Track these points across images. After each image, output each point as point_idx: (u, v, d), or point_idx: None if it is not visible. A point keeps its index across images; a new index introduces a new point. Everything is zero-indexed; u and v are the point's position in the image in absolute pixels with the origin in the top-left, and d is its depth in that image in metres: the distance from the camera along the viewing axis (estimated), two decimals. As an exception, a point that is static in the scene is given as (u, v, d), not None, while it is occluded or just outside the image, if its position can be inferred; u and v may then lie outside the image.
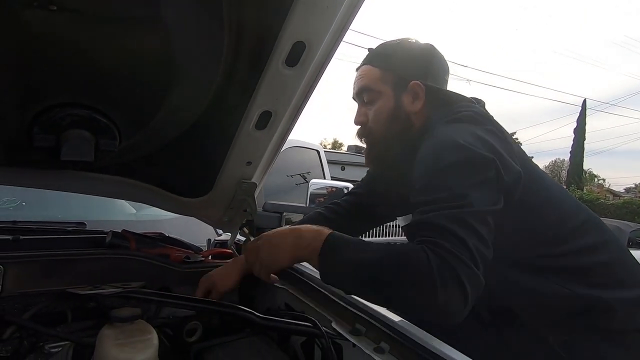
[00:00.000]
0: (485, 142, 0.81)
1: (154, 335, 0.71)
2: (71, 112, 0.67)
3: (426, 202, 0.74)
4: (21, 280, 0.81)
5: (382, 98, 0.98)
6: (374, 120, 0.99)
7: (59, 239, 0.99)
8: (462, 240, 0.67)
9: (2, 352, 0.78)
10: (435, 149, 0.82)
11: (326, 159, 3.43)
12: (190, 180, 1.10)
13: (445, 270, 0.64)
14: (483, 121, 0.88)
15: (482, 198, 0.73)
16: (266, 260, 0.83)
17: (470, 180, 0.74)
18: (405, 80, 0.96)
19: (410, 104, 0.97)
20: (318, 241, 0.75)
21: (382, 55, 1.00)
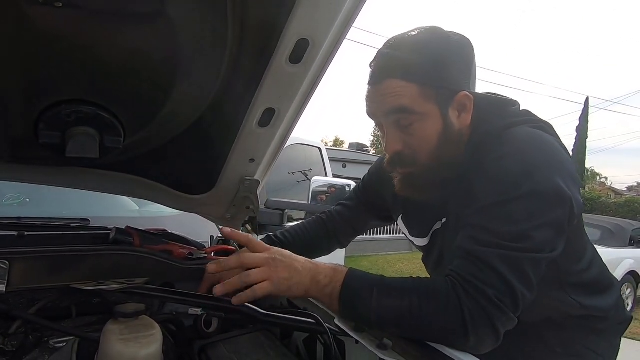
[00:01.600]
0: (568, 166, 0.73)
1: (158, 330, 0.71)
2: (76, 108, 0.67)
3: (486, 230, 0.68)
4: (26, 276, 0.82)
5: (427, 119, 0.77)
6: (419, 147, 0.79)
7: (63, 235, 1.00)
8: (511, 287, 0.64)
9: (8, 346, 0.79)
10: (518, 166, 0.71)
11: (328, 156, 3.43)
12: (194, 177, 1.11)
13: (480, 320, 0.63)
14: (553, 132, 0.81)
15: (545, 242, 0.68)
16: (283, 283, 0.70)
17: (540, 218, 0.67)
18: (451, 92, 0.77)
19: (458, 119, 0.79)
20: (337, 282, 0.70)
21: (414, 64, 0.75)
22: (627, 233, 6.17)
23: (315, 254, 1.17)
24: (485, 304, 0.63)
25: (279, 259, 0.71)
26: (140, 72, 0.68)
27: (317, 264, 0.75)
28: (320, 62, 0.81)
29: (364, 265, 7.56)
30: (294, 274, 0.70)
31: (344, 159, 11.26)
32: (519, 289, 0.65)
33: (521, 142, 0.74)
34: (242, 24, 0.70)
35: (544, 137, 0.77)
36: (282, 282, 0.69)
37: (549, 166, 0.71)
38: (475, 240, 0.69)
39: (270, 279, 0.69)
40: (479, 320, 0.63)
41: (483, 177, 0.74)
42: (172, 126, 0.87)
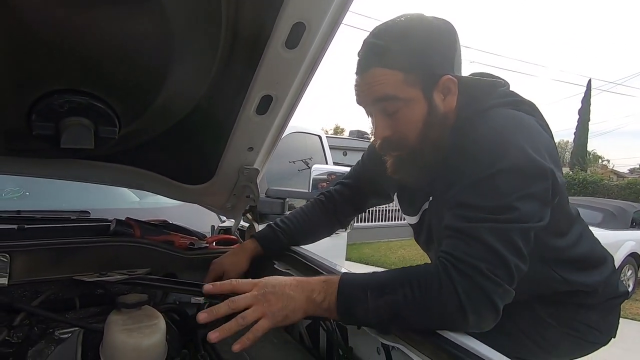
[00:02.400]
0: (546, 144, 0.75)
1: (161, 320, 0.72)
2: (69, 98, 0.66)
3: (471, 207, 0.69)
4: (28, 269, 0.82)
5: (412, 105, 0.79)
6: (405, 132, 0.82)
7: (63, 228, 1.00)
8: (503, 258, 0.65)
9: (14, 338, 0.80)
10: (495, 144, 0.73)
11: (328, 144, 3.41)
12: (192, 167, 1.10)
13: (476, 296, 0.63)
14: (535, 113, 0.82)
15: (531, 212, 0.69)
16: (279, 313, 0.68)
17: (524, 190, 0.69)
18: (435, 76, 0.79)
19: (442, 102, 0.81)
20: (331, 294, 0.69)
21: (398, 52, 0.77)
22: (629, 215, 6.17)
23: (317, 236, 1.18)
24: (479, 279, 0.63)
25: (268, 291, 0.69)
26: (133, 59, 0.66)
27: (308, 281, 0.72)
28: (317, 46, 0.79)
29: (366, 252, 7.61)
30: (287, 302, 0.68)
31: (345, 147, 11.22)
32: (511, 259, 0.65)
33: (499, 122, 0.76)
34: (237, 9, 0.68)
35: (521, 117, 0.78)
36: (278, 314, 0.68)
37: (526, 142, 0.72)
38: (462, 217, 0.70)
39: (265, 315, 0.67)
40: (476, 298, 0.63)
41: (463, 157, 0.76)
42: (168, 115, 0.86)
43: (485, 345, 0.60)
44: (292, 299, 0.68)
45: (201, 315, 0.67)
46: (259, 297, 0.68)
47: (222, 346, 0.82)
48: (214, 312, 0.68)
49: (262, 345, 0.82)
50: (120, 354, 0.65)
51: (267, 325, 0.67)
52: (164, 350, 0.70)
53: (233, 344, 0.67)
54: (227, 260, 1.03)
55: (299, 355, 0.79)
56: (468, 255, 0.65)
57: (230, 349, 0.80)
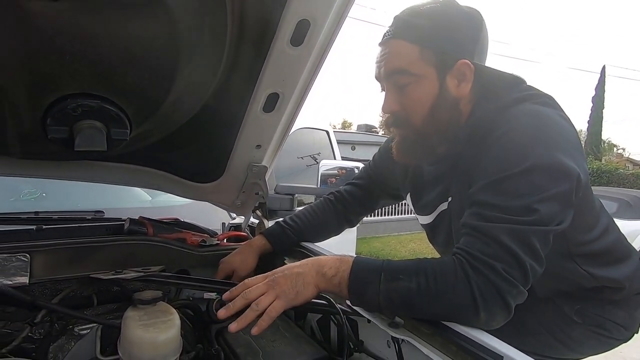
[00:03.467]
0: (571, 139, 0.73)
1: (175, 315, 0.73)
2: (82, 102, 0.68)
3: (491, 206, 0.68)
4: (47, 268, 0.85)
5: (423, 82, 0.79)
6: (412, 109, 0.81)
7: (79, 227, 1.03)
8: (519, 260, 0.64)
9: (36, 334, 0.83)
10: (519, 144, 0.71)
11: (336, 139, 3.41)
12: (202, 166, 1.11)
13: (490, 295, 0.63)
14: (555, 106, 0.79)
15: (551, 215, 0.68)
16: (290, 292, 0.70)
17: (545, 192, 0.67)
18: (452, 59, 0.78)
19: (456, 87, 0.80)
20: (344, 271, 0.70)
21: (419, 27, 0.78)
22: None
23: (325, 235, 1.18)
24: (494, 278, 0.63)
25: (278, 276, 0.72)
26: (142, 62, 0.67)
27: (320, 259, 0.75)
28: (322, 42, 0.79)
29: (376, 246, 7.60)
30: (296, 279, 0.71)
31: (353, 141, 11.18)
32: (527, 261, 0.65)
33: (522, 120, 0.74)
34: (242, 8, 0.68)
35: (545, 113, 0.76)
36: (289, 292, 0.70)
37: (551, 141, 0.71)
38: (480, 216, 0.69)
39: (277, 296, 0.69)
40: (489, 295, 0.63)
41: (486, 155, 0.74)
42: (177, 115, 0.88)
43: (495, 338, 0.60)
44: (300, 274, 0.71)
45: (221, 312, 0.69)
46: (270, 283, 0.71)
47: (235, 340, 0.84)
48: (231, 307, 0.70)
49: (274, 338, 0.84)
50: (137, 348, 0.67)
51: (280, 305, 0.69)
52: (179, 345, 0.72)
53: (251, 328, 0.68)
54: (236, 259, 1.05)
55: (310, 348, 0.80)
56: (484, 254, 0.65)
57: (242, 344, 0.82)
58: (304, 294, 0.70)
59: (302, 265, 0.73)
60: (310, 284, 0.71)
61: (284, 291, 0.70)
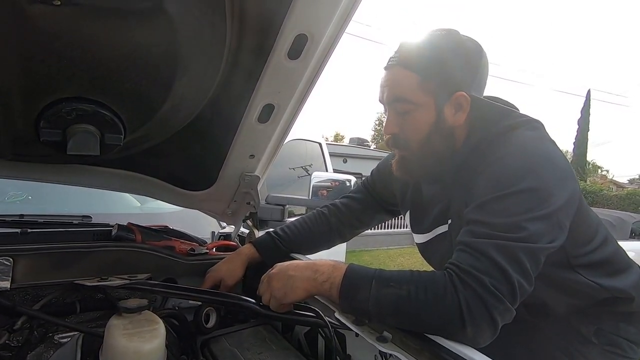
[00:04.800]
0: (562, 161, 0.78)
1: (161, 325, 0.72)
2: (77, 106, 0.68)
3: (481, 223, 0.71)
4: (30, 272, 0.83)
5: (421, 110, 0.84)
6: (411, 134, 0.87)
7: (66, 232, 1.01)
8: (507, 275, 0.66)
9: (13, 342, 0.80)
10: (515, 168, 0.75)
11: (328, 151, 3.43)
12: (194, 174, 1.11)
13: (477, 309, 0.64)
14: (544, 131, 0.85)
15: (540, 233, 0.70)
16: (278, 292, 0.77)
17: (535, 211, 0.70)
18: (450, 90, 0.83)
19: (452, 116, 0.85)
20: (336, 277, 0.74)
21: (422, 58, 0.83)
22: (628, 226, 6.17)
23: (316, 248, 1.17)
24: (481, 292, 0.64)
25: (272, 275, 0.80)
26: (139, 69, 0.68)
27: (315, 263, 0.78)
28: (318, 57, 0.81)
29: (365, 259, 7.58)
30: (286, 281, 0.77)
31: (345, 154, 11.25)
32: (515, 277, 0.66)
33: (515, 146, 0.79)
34: (241, 20, 0.70)
35: (536, 139, 0.82)
36: (279, 291, 0.77)
37: (541, 166, 0.75)
38: (472, 233, 0.71)
39: (271, 296, 0.79)
40: (476, 309, 0.63)
41: (481, 178, 0.78)
42: (172, 123, 0.88)
43: (481, 354, 0.60)
44: (291, 277, 0.77)
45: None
46: (265, 284, 0.81)
47: (221, 352, 0.82)
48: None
49: (260, 351, 0.83)
50: (120, 358, 0.66)
51: (273, 304, 0.78)
52: (163, 355, 0.70)
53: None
54: (223, 267, 1.04)
55: (298, 362, 0.79)
56: (474, 268, 0.66)
57: (228, 356, 0.80)
58: (291, 296, 0.77)
59: (297, 268, 0.79)
60: (300, 287, 0.76)
61: (274, 289, 0.78)
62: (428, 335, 0.66)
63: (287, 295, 0.77)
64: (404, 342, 0.66)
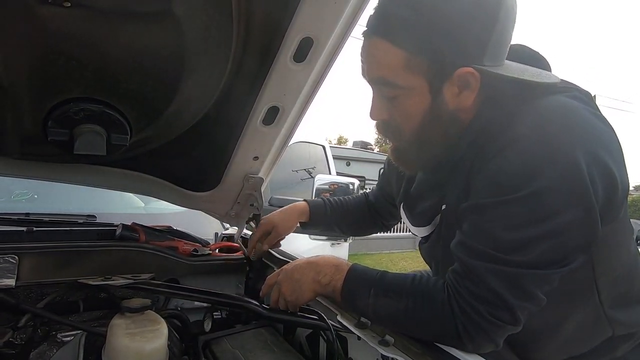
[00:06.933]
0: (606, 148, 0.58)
1: (163, 325, 0.72)
2: (85, 106, 0.68)
3: (481, 236, 0.60)
4: (35, 271, 0.84)
5: (411, 94, 0.65)
6: (402, 121, 0.70)
7: (71, 231, 1.01)
8: (507, 303, 0.57)
9: (17, 339, 0.80)
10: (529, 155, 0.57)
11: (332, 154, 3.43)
12: (199, 175, 1.11)
13: (475, 333, 0.60)
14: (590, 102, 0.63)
15: (553, 255, 0.56)
16: (290, 297, 0.79)
17: (547, 224, 0.55)
18: (449, 66, 0.61)
19: (455, 98, 0.65)
20: (338, 280, 0.73)
21: (406, 25, 0.59)
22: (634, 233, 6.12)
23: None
24: (477, 319, 0.59)
25: (281, 279, 0.81)
26: (146, 70, 0.69)
27: (317, 263, 0.78)
28: (324, 60, 0.81)
29: (367, 263, 7.49)
30: (295, 285, 0.78)
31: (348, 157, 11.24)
32: (517, 304, 0.58)
33: (535, 122, 0.59)
34: (247, 23, 0.70)
35: (571, 107, 0.59)
36: (290, 295, 0.79)
37: (572, 148, 0.55)
38: (469, 250, 0.61)
39: (283, 299, 0.81)
40: (473, 332, 0.60)
41: (487, 167, 0.62)
42: (178, 124, 0.88)
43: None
44: (298, 282, 0.78)
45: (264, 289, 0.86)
46: (276, 286, 0.82)
47: (223, 353, 0.82)
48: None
49: (262, 353, 0.83)
50: (123, 357, 0.66)
51: (283, 304, 0.81)
52: (165, 355, 0.70)
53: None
54: (277, 216, 1.09)
55: (299, 365, 0.79)
56: (470, 294, 0.60)
57: (230, 357, 0.80)
58: (301, 299, 0.79)
59: (301, 270, 0.79)
60: (307, 290, 0.77)
61: (286, 295, 0.80)
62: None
63: (299, 299, 0.78)
64: (405, 346, 0.66)
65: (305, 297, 0.78)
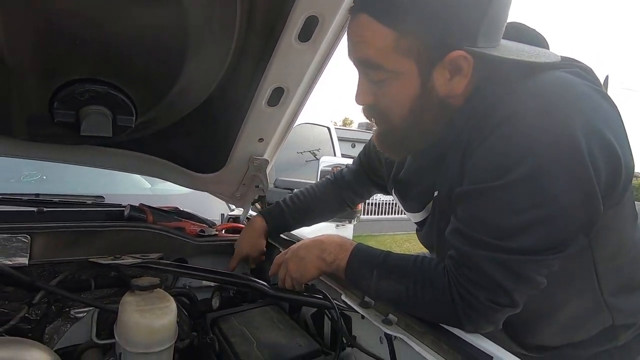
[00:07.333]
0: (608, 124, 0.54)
1: (172, 303, 0.74)
2: (90, 87, 0.68)
3: (476, 223, 0.59)
4: (47, 250, 0.86)
5: (400, 79, 0.62)
6: (389, 107, 0.67)
7: (80, 212, 1.03)
8: (505, 289, 0.58)
9: (32, 315, 0.83)
10: (525, 134, 0.54)
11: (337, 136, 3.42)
12: (204, 156, 1.12)
13: (474, 315, 0.61)
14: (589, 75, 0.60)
15: (551, 240, 0.55)
16: (295, 274, 0.81)
17: (548, 206, 0.53)
18: (441, 49, 0.59)
19: (446, 84, 0.62)
20: (342, 259, 0.76)
21: (398, 4, 0.57)
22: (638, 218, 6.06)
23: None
24: (477, 305, 0.60)
25: (287, 257, 0.83)
26: (151, 51, 0.68)
27: (322, 241, 0.80)
28: (329, 39, 0.80)
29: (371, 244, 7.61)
30: (300, 263, 0.80)
31: (353, 139, 11.17)
32: (515, 288, 0.58)
33: (533, 98, 0.56)
34: (251, 2, 0.69)
35: (572, 84, 0.57)
36: (296, 272, 0.81)
37: (572, 126, 0.52)
38: (464, 238, 0.60)
39: (289, 277, 0.83)
40: (474, 317, 0.61)
41: (481, 146, 0.59)
42: (183, 105, 0.88)
43: (486, 339, 0.61)
44: (303, 259, 0.80)
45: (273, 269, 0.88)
46: (283, 265, 0.84)
47: (230, 330, 0.85)
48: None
49: (269, 330, 0.85)
50: (133, 333, 0.68)
51: (289, 282, 0.83)
52: (175, 332, 0.73)
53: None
54: (245, 245, 1.08)
55: (304, 341, 0.81)
56: (468, 280, 0.60)
57: (237, 334, 0.83)
58: (306, 275, 0.80)
59: (306, 248, 0.81)
60: (312, 267, 0.79)
61: (292, 272, 0.82)
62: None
63: (303, 276, 0.80)
64: (409, 325, 0.68)
65: (310, 274, 0.80)
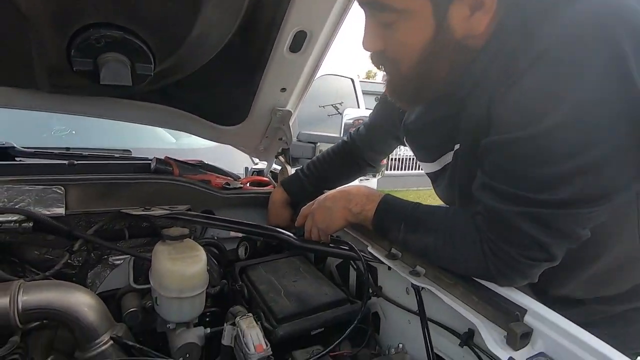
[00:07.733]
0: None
1: (202, 252, 0.76)
2: (105, 32, 0.66)
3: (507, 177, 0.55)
4: (80, 201, 0.89)
5: (411, 19, 0.56)
6: (399, 52, 0.61)
7: (109, 164, 1.05)
8: (541, 243, 0.54)
9: (75, 262, 0.89)
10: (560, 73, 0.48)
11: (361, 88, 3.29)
12: (226, 108, 1.09)
13: (506, 270, 0.58)
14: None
15: (592, 191, 0.50)
16: (322, 224, 0.82)
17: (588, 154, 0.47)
18: None
19: (464, 23, 0.55)
20: (369, 210, 0.75)
21: None
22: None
23: (345, 180, 1.16)
24: (511, 262, 0.57)
25: (314, 209, 0.84)
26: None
27: (348, 192, 0.79)
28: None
29: (394, 199, 7.62)
30: (326, 213, 0.81)
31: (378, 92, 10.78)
32: (553, 242, 0.54)
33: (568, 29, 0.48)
34: None
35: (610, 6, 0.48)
36: (322, 222, 0.82)
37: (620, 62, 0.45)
38: (494, 193, 0.56)
39: (316, 227, 0.84)
40: (507, 272, 0.59)
41: (511, 90, 0.53)
42: (202, 52, 0.84)
43: (520, 292, 0.60)
44: (329, 209, 0.81)
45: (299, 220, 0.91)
46: (309, 219, 0.86)
47: (258, 278, 0.87)
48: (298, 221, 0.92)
49: (295, 279, 0.87)
50: (167, 280, 0.71)
51: (315, 233, 0.85)
52: (205, 279, 0.75)
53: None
54: (272, 218, 1.10)
55: (330, 290, 0.83)
56: (501, 237, 0.57)
57: (265, 282, 0.85)
58: (332, 226, 0.81)
59: (333, 198, 0.81)
60: (338, 217, 0.79)
61: (318, 222, 0.83)
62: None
63: (330, 226, 0.81)
64: (437, 277, 0.67)
65: (336, 224, 0.80)
